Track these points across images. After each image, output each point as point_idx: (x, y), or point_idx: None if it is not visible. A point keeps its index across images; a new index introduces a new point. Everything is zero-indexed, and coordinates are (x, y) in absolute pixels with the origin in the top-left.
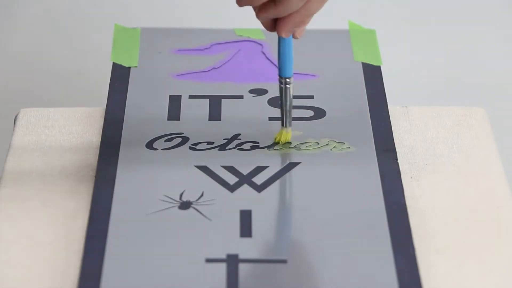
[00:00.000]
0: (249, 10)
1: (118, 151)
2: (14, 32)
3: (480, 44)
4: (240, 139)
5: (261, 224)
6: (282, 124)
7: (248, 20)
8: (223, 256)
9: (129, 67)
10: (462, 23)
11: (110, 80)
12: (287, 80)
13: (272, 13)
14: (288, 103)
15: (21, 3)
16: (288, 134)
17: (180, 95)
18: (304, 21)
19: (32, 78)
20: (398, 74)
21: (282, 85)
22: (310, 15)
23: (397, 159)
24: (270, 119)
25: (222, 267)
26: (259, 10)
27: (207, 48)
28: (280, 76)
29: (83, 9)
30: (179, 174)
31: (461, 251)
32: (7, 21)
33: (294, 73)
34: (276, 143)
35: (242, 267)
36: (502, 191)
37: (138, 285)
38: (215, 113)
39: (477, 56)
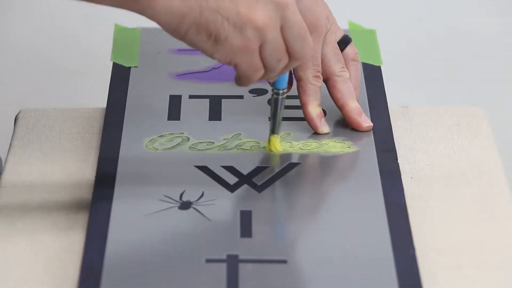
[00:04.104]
0: None
1: (118, 151)
2: (15, 32)
3: (481, 44)
4: (240, 139)
5: (261, 224)
6: (273, 132)
7: None
8: (223, 257)
9: (129, 67)
10: (462, 23)
11: (110, 80)
12: (281, 91)
13: (267, 78)
14: (281, 112)
15: (21, 3)
16: (278, 141)
17: (180, 95)
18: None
19: (32, 78)
20: (398, 74)
21: (276, 96)
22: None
23: (397, 159)
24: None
25: (222, 267)
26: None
27: None
28: (275, 88)
29: (83, 9)
30: (179, 174)
31: (461, 251)
32: (7, 21)
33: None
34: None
35: (242, 267)
36: (502, 191)
37: (138, 285)
38: (215, 113)
39: (477, 56)
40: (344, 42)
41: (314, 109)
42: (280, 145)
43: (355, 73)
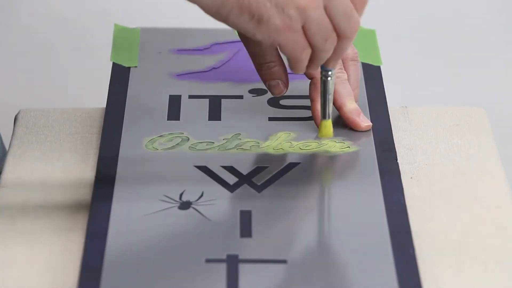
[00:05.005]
0: None
1: (118, 151)
2: (14, 32)
3: (480, 44)
4: (240, 139)
5: (261, 224)
6: (324, 117)
7: None
8: (223, 257)
9: (129, 67)
10: (462, 23)
11: (110, 80)
12: (329, 73)
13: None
14: (330, 95)
15: (22, 3)
16: (331, 125)
17: (180, 95)
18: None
19: (32, 78)
20: (398, 74)
21: (324, 78)
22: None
23: (396, 159)
24: (270, 119)
25: (222, 267)
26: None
27: (207, 48)
28: (323, 69)
29: (83, 9)
30: (179, 174)
31: (461, 251)
32: (7, 21)
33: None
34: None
35: (242, 267)
36: (502, 191)
37: (138, 285)
38: (215, 113)
39: (477, 56)
40: None
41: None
42: (332, 130)
43: (355, 73)
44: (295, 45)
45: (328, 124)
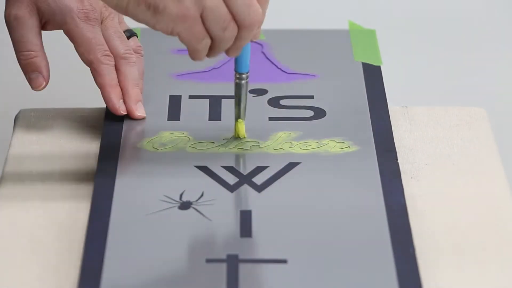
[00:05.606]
0: None
1: (118, 151)
2: None
3: (480, 44)
4: (240, 139)
5: (261, 224)
6: (239, 118)
7: None
8: (223, 256)
9: None
10: (462, 23)
11: None
12: (243, 75)
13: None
14: (245, 97)
15: None
16: (244, 126)
17: (180, 95)
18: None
19: None
20: (398, 74)
21: (238, 81)
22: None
23: (397, 159)
24: (270, 119)
25: (222, 267)
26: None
27: None
28: (237, 72)
29: None
30: (179, 174)
31: (461, 251)
32: None
33: (294, 73)
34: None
35: (242, 267)
36: (502, 191)
37: (138, 285)
38: (215, 113)
39: (477, 56)
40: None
41: (112, 90)
42: (245, 131)
43: (139, 65)
44: (192, 34)
45: (240, 125)
